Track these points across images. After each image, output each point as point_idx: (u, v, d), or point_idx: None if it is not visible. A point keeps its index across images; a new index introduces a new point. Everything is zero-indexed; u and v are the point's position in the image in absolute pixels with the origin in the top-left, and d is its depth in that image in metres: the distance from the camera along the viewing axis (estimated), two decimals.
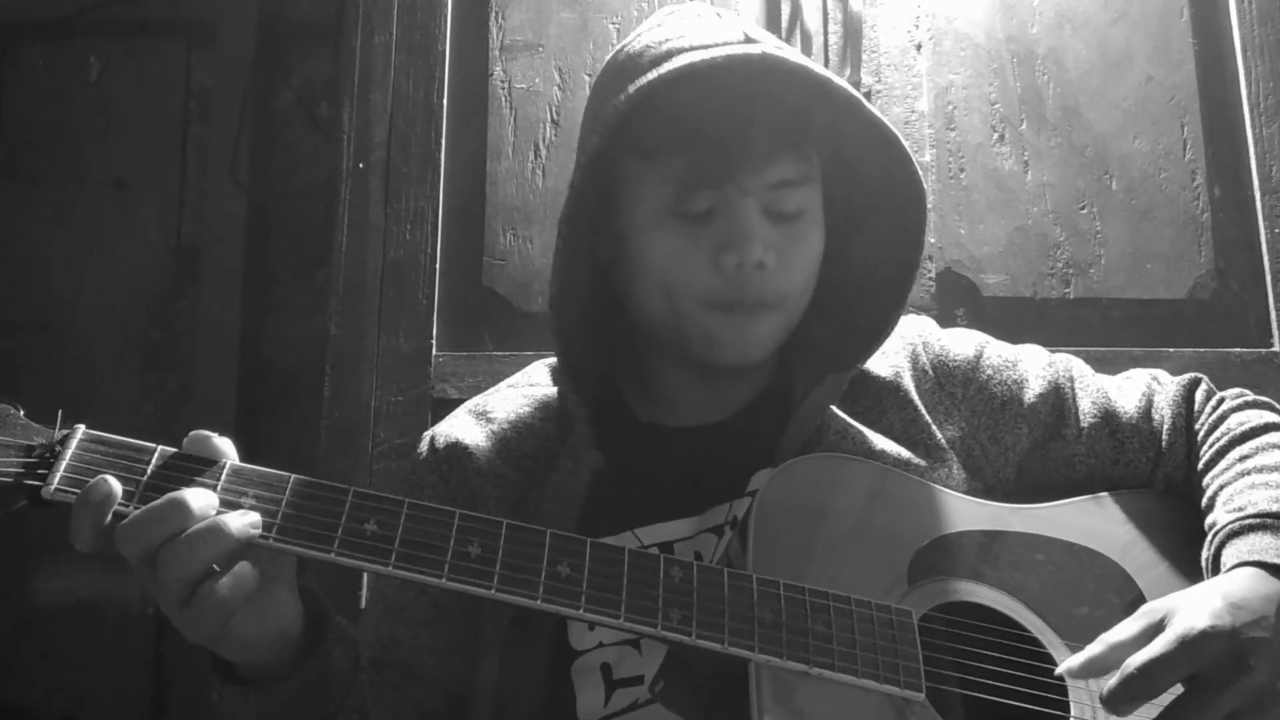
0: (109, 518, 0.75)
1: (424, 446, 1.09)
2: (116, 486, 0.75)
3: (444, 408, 1.29)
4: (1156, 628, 0.82)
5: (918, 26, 1.68)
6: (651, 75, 0.93)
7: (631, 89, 0.93)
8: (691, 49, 0.95)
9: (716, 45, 0.96)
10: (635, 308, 1.04)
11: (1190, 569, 0.95)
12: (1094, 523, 1.00)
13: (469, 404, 1.13)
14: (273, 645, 0.82)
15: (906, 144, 0.99)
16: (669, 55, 0.95)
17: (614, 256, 1.04)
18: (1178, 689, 0.81)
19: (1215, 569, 0.91)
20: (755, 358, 1.01)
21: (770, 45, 0.97)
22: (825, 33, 1.66)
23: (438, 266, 1.60)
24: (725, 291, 0.97)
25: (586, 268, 1.06)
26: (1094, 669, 0.84)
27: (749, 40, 0.97)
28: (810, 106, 0.98)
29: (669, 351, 1.05)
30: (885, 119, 0.99)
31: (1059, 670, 0.87)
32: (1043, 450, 1.05)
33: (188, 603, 0.75)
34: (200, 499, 0.75)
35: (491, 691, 0.95)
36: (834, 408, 1.02)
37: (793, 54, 0.97)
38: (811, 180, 1.00)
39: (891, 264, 1.05)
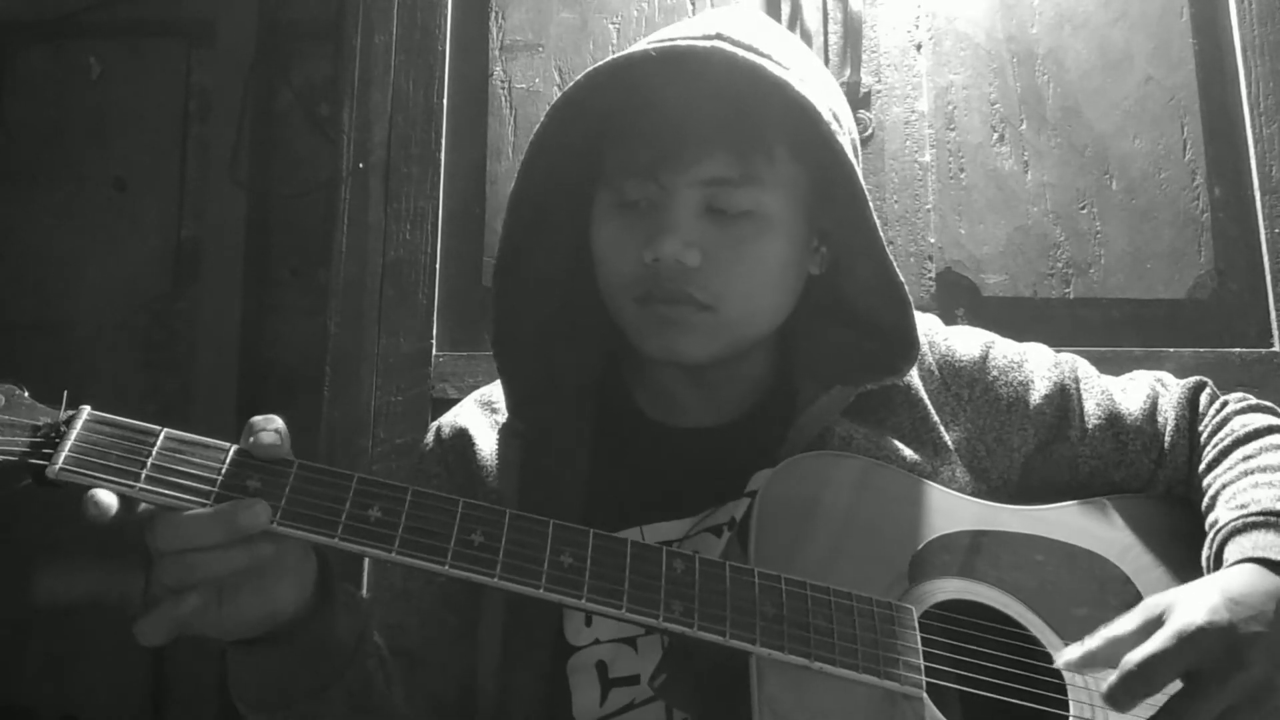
0: (113, 513, 0.74)
1: (430, 438, 1.09)
2: (109, 498, 0.74)
3: (444, 408, 1.29)
4: (1155, 623, 0.82)
5: (918, 26, 1.68)
6: (597, 65, 0.94)
7: (580, 76, 0.95)
8: (655, 43, 0.95)
9: (674, 40, 0.95)
10: None
11: (1189, 572, 0.94)
12: (1094, 525, 1.00)
13: (475, 394, 1.14)
14: (291, 590, 0.81)
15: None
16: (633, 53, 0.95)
17: None
18: (1178, 685, 0.81)
19: (1217, 567, 0.91)
20: (688, 357, 0.97)
21: (740, 45, 0.93)
22: (825, 33, 1.66)
23: (438, 266, 1.60)
24: (642, 285, 0.96)
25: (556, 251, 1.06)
26: (1091, 662, 0.84)
27: (718, 37, 0.94)
28: (771, 105, 0.94)
29: None
30: (839, 135, 0.94)
31: (1058, 663, 0.87)
32: (1046, 451, 1.05)
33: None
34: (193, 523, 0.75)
35: (492, 685, 0.94)
36: (839, 414, 1.01)
37: (780, 54, 0.95)
38: (759, 182, 0.94)
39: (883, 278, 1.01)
